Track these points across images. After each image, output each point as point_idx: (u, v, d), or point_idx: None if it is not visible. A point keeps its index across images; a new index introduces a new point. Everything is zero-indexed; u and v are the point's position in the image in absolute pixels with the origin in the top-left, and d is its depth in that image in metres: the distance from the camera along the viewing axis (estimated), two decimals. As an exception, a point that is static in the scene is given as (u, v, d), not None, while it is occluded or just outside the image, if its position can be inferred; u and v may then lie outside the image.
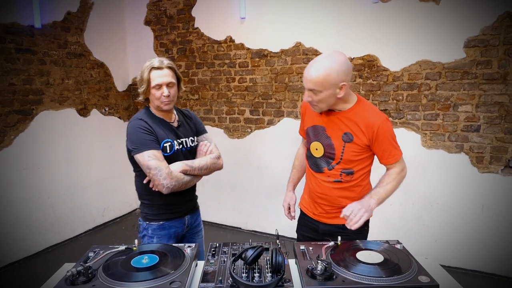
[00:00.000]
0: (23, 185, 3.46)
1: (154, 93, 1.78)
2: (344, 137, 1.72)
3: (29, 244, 3.53)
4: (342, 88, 1.62)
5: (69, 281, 1.29)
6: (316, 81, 1.59)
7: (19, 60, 3.36)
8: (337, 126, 1.73)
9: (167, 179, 1.68)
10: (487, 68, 2.88)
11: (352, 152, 1.72)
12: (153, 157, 1.69)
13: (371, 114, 1.70)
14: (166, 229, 1.89)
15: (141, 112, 1.86)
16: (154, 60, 1.78)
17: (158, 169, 1.68)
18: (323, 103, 1.67)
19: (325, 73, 1.57)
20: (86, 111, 4.08)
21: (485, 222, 3.06)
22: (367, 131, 1.68)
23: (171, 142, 1.82)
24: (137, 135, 1.73)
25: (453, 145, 3.09)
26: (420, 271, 1.33)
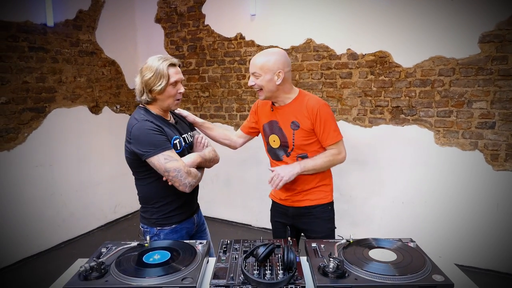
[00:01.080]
0: (36, 182, 3.52)
1: (170, 90, 1.72)
2: (292, 126, 1.95)
3: (42, 240, 3.59)
4: (279, 76, 1.85)
5: (82, 276, 1.29)
6: (256, 64, 1.86)
7: (32, 58, 3.41)
8: (285, 117, 1.96)
9: (188, 178, 1.66)
10: (502, 63, 2.82)
11: (301, 138, 1.94)
12: (169, 158, 1.63)
13: (311, 100, 1.93)
14: (179, 232, 1.84)
15: (140, 113, 1.73)
16: (165, 57, 1.73)
17: (177, 170, 1.63)
18: (265, 88, 1.88)
19: (265, 59, 1.86)
20: (98, 108, 4.12)
21: (499, 221, 3.00)
22: (309, 115, 1.91)
23: (179, 138, 1.79)
24: (148, 137, 1.63)
25: (467, 142, 3.04)
26: (434, 269, 1.30)
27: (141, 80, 1.70)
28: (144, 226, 1.85)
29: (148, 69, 1.68)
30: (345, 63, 3.40)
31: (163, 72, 1.67)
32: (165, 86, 1.69)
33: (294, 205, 2.06)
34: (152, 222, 1.82)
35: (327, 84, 3.52)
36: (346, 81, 3.43)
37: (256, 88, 1.92)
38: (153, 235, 1.80)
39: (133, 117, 1.73)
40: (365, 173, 3.45)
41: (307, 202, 2.03)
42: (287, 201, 2.08)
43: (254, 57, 1.91)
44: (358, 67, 3.35)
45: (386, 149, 3.36)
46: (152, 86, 1.68)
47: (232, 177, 4.22)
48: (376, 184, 3.46)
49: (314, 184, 2.02)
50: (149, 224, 1.83)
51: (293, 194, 2.05)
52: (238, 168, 4.16)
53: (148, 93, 1.71)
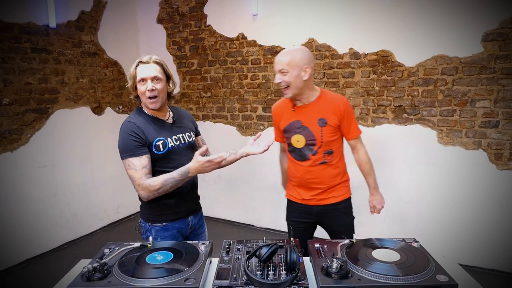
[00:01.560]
0: (39, 183, 3.53)
1: (140, 88, 1.74)
2: (319, 123, 1.98)
3: (45, 240, 3.60)
4: (306, 71, 1.90)
5: (85, 277, 1.30)
6: (283, 61, 1.89)
7: (35, 59, 3.42)
8: (310, 116, 1.99)
9: (139, 190, 1.71)
10: (506, 62, 2.81)
11: (329, 134, 1.99)
12: (131, 166, 1.70)
13: (335, 98, 2.03)
14: (170, 230, 1.85)
15: (133, 113, 1.81)
16: (143, 56, 1.77)
17: (133, 180, 1.72)
18: (293, 85, 1.90)
19: (291, 55, 1.90)
20: (100, 109, 4.13)
21: (503, 220, 2.99)
22: (336, 111, 1.98)
23: (163, 140, 1.77)
24: (122, 140, 1.73)
25: (471, 141, 3.02)
26: (438, 270, 1.30)
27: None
28: (141, 220, 1.91)
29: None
30: (347, 62, 3.39)
31: (131, 71, 1.75)
32: (132, 85, 1.76)
33: (320, 203, 2.09)
34: (145, 218, 1.88)
35: (329, 84, 3.51)
36: (348, 81, 3.42)
37: (283, 85, 1.93)
38: (146, 231, 1.86)
39: (128, 116, 1.83)
40: (368, 172, 3.44)
41: (332, 199, 2.09)
42: (312, 200, 2.10)
43: (279, 54, 1.94)
44: (361, 66, 3.34)
45: (389, 148, 3.34)
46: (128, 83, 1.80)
47: (235, 177, 4.21)
48: (379, 183, 3.43)
49: (338, 181, 2.09)
50: (144, 219, 1.89)
51: (319, 193, 2.08)
52: (240, 169, 4.15)
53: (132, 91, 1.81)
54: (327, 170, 2.05)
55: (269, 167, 3.98)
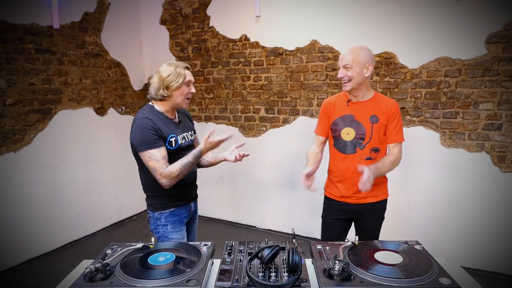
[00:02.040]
0: (42, 183, 3.54)
1: (184, 89, 1.94)
2: (372, 119, 2.05)
3: (47, 240, 3.61)
4: (369, 69, 1.99)
5: (87, 277, 1.30)
6: (348, 57, 1.97)
7: (38, 60, 3.43)
8: (364, 112, 2.06)
9: (161, 179, 1.84)
10: (509, 64, 2.80)
11: (379, 131, 2.05)
12: (152, 157, 1.84)
13: (389, 100, 2.11)
14: (177, 215, 2.04)
15: (146, 110, 1.94)
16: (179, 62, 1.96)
17: (154, 170, 1.85)
18: (354, 80, 1.98)
19: (356, 52, 1.98)
20: (103, 110, 4.14)
21: (506, 223, 2.97)
22: (387, 111, 2.04)
23: (175, 137, 1.95)
24: (142, 134, 1.85)
25: (474, 144, 3.01)
26: (441, 272, 1.29)
27: (158, 78, 1.91)
28: (149, 211, 2.07)
29: (166, 70, 1.91)
30: (350, 64, 3.38)
31: (180, 72, 1.91)
32: (181, 84, 1.91)
33: (359, 202, 2.12)
34: (153, 207, 2.03)
35: (332, 86, 3.50)
36: (351, 83, 3.41)
37: (345, 80, 2.00)
38: (156, 219, 2.02)
39: (138, 112, 1.95)
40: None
41: (371, 198, 2.12)
42: (351, 198, 2.13)
43: (345, 51, 2.02)
44: (363, 68, 3.33)
45: (391, 150, 3.33)
46: (170, 82, 1.89)
47: (237, 178, 4.21)
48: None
49: (379, 180, 2.09)
50: (152, 209, 2.04)
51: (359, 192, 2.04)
52: (243, 170, 4.15)
53: (165, 89, 1.91)
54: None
55: (271, 169, 3.98)
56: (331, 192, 2.23)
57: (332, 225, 2.21)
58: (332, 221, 2.21)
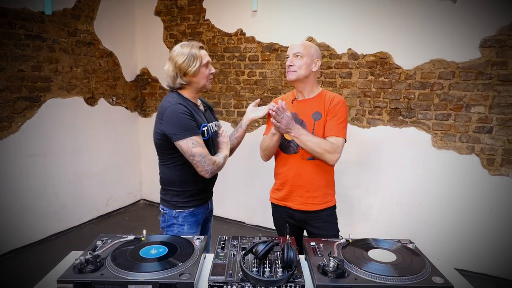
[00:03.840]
0: (29, 172, 3.46)
1: (204, 71, 1.81)
2: (314, 116, 1.98)
3: (33, 231, 3.54)
4: (317, 63, 1.98)
5: (77, 269, 1.27)
6: (300, 46, 1.94)
7: (28, 46, 3.35)
8: (307, 109, 2.00)
9: (210, 165, 1.76)
10: (502, 69, 2.83)
11: (321, 129, 1.95)
12: (196, 144, 1.72)
13: (333, 96, 2.00)
14: (196, 216, 1.92)
15: (174, 96, 1.81)
16: (192, 42, 1.82)
17: (202, 156, 1.73)
18: (301, 70, 1.93)
19: (308, 43, 1.99)
20: (94, 100, 4.07)
21: (493, 225, 3.02)
22: (328, 104, 1.96)
23: (207, 126, 1.86)
24: (180, 121, 1.72)
25: (464, 146, 3.05)
26: (434, 271, 1.30)
27: (173, 65, 1.77)
28: (164, 208, 1.92)
29: (180, 54, 1.76)
30: (345, 62, 3.39)
31: (196, 54, 1.76)
32: (199, 68, 1.77)
33: (302, 208, 2.04)
34: (172, 205, 1.89)
35: (326, 83, 3.50)
36: (345, 81, 3.42)
37: (292, 69, 1.95)
38: (172, 217, 1.89)
39: (166, 100, 1.80)
40: (361, 173, 3.45)
41: (314, 206, 2.02)
42: (294, 202, 2.06)
43: (296, 41, 2.00)
44: (358, 67, 3.34)
45: (383, 150, 3.35)
46: (187, 68, 1.76)
47: (227, 174, 4.18)
48: (372, 185, 3.46)
49: (324, 184, 2.03)
50: (169, 206, 1.90)
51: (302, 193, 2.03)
52: (232, 166, 4.12)
53: (183, 77, 1.78)
54: (314, 168, 1.98)
55: (262, 165, 3.96)
56: (276, 198, 2.16)
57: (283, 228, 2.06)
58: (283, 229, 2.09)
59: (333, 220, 2.10)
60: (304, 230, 2.18)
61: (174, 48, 1.81)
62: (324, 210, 2.04)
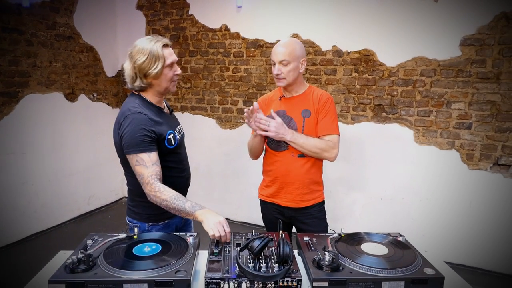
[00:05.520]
0: (6, 170, 3.34)
1: (167, 73, 1.61)
2: (303, 113, 1.98)
3: (12, 231, 3.42)
4: (303, 64, 1.95)
5: (68, 269, 1.24)
6: (285, 52, 1.88)
7: (5, 39, 3.22)
8: (295, 107, 2.00)
9: (145, 188, 1.53)
10: (481, 67, 2.93)
11: (311, 126, 1.96)
12: (140, 162, 1.53)
13: (321, 93, 2.02)
14: (170, 227, 1.77)
15: (137, 102, 1.60)
16: (157, 37, 1.61)
17: (141, 176, 1.53)
18: (290, 75, 1.91)
19: (292, 46, 1.91)
20: (74, 96, 3.96)
21: (472, 218, 3.13)
22: (317, 103, 1.97)
23: (173, 133, 1.68)
24: (132, 133, 1.53)
25: (445, 141, 3.14)
26: (424, 263, 1.34)
27: (132, 65, 1.57)
28: (133, 220, 1.74)
29: (140, 52, 1.55)
30: (330, 59, 3.42)
31: (158, 54, 1.56)
32: (161, 69, 1.58)
33: (291, 205, 2.04)
34: (144, 217, 1.71)
35: (311, 80, 3.53)
36: (330, 78, 3.46)
37: (281, 76, 1.92)
38: (144, 231, 1.70)
39: (126, 106, 1.61)
40: (345, 169, 3.50)
41: (303, 203, 2.04)
42: (283, 199, 2.06)
43: (278, 45, 1.92)
44: (343, 64, 3.38)
45: (367, 146, 3.41)
46: (147, 70, 1.56)
47: (212, 170, 4.17)
48: (355, 180, 3.52)
49: (313, 180, 2.04)
50: (140, 219, 1.72)
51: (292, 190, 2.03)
52: (218, 162, 4.12)
53: (143, 78, 1.59)
54: (304, 165, 1.99)
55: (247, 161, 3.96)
56: (265, 194, 2.16)
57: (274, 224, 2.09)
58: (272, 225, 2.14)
59: (322, 215, 2.12)
60: (293, 226, 2.19)
61: (135, 44, 1.60)
62: (313, 206, 2.06)
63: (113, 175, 4.54)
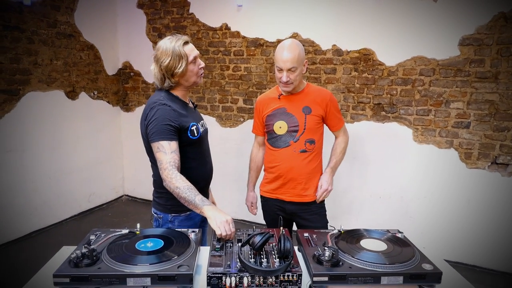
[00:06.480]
0: (7, 168, 3.36)
1: (192, 68, 1.70)
2: (304, 110, 2.03)
3: (12, 229, 3.44)
4: (305, 65, 2.00)
5: (72, 263, 1.26)
6: (293, 58, 1.89)
7: (6, 37, 3.23)
8: (296, 104, 2.04)
9: (163, 174, 1.58)
10: (479, 66, 2.95)
11: (312, 122, 2.03)
12: (161, 149, 1.60)
13: (321, 90, 2.11)
14: (193, 219, 1.82)
15: (161, 95, 1.70)
16: (176, 36, 1.71)
17: (160, 162, 1.60)
18: (296, 80, 1.96)
19: (297, 51, 1.91)
20: (75, 94, 3.97)
21: (470, 216, 3.16)
22: (322, 103, 2.05)
23: (196, 125, 1.75)
24: (157, 122, 1.62)
25: (443, 140, 3.16)
26: (423, 259, 1.36)
27: (159, 67, 1.67)
28: (157, 212, 1.81)
29: (164, 54, 1.65)
30: (330, 58, 3.44)
31: (180, 52, 1.65)
32: (186, 66, 1.67)
33: (293, 200, 2.10)
34: (167, 208, 1.78)
35: (311, 79, 3.55)
36: (330, 77, 3.48)
37: (289, 82, 1.94)
38: (167, 222, 1.78)
39: (152, 99, 1.70)
40: (345, 167, 3.51)
41: (306, 198, 2.09)
42: (285, 194, 2.11)
43: (284, 53, 1.90)
44: (343, 63, 3.40)
45: (366, 144, 3.44)
46: (174, 69, 1.66)
47: (213, 168, 4.18)
48: (354, 178, 3.54)
49: (314, 176, 2.09)
50: (164, 210, 1.79)
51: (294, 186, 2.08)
52: (218, 160, 4.12)
53: (171, 78, 1.69)
54: (306, 161, 2.05)
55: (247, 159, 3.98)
56: (266, 191, 2.20)
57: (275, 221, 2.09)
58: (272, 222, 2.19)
59: (322, 212, 2.16)
60: (293, 222, 2.22)
61: (158, 46, 1.70)
62: (314, 202, 2.10)
63: (113, 173, 4.56)
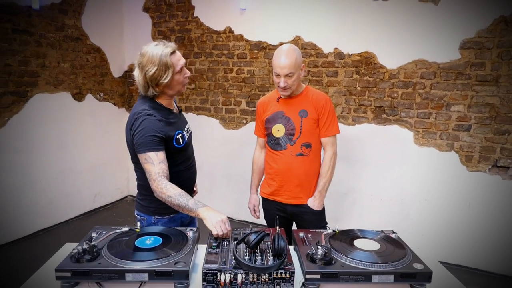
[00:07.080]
0: (15, 168, 3.44)
1: (178, 78, 1.67)
2: (301, 113, 2.06)
3: (19, 227, 3.52)
4: (302, 69, 2.03)
5: (74, 258, 1.31)
6: (290, 65, 1.92)
7: (15, 40, 3.32)
8: (293, 107, 2.08)
9: (152, 185, 1.58)
10: (480, 70, 2.96)
11: (308, 126, 2.06)
12: (149, 160, 1.59)
13: (318, 94, 2.11)
14: (176, 221, 1.83)
15: (146, 104, 1.67)
16: (164, 43, 1.65)
17: (149, 173, 1.59)
18: (294, 85, 2.00)
19: (293, 56, 1.94)
20: (81, 95, 4.05)
21: (470, 219, 3.16)
22: (317, 105, 2.06)
23: (181, 133, 1.74)
24: (143, 133, 1.59)
25: (444, 143, 3.18)
26: (414, 259, 1.39)
27: (143, 76, 1.61)
28: (141, 214, 1.81)
29: (150, 62, 1.59)
30: (331, 62, 3.48)
31: (167, 63, 1.60)
32: (172, 77, 1.63)
33: (292, 202, 2.15)
34: (150, 211, 1.78)
35: (313, 82, 3.59)
36: (332, 80, 3.51)
37: (287, 87, 1.98)
38: (150, 224, 1.78)
39: (137, 108, 1.67)
40: (346, 170, 3.55)
41: (304, 200, 2.14)
42: (283, 196, 2.16)
43: (281, 59, 1.93)
44: (344, 66, 3.43)
45: (367, 147, 3.46)
46: (159, 80, 1.62)
47: (215, 169, 4.24)
48: (356, 181, 3.56)
49: (312, 179, 2.14)
50: (147, 213, 1.79)
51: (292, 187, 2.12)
52: (221, 161, 4.18)
53: (155, 87, 1.64)
54: (303, 163, 2.09)
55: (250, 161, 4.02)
56: (266, 191, 2.25)
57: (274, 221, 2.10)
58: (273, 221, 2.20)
59: (321, 212, 2.19)
60: (293, 222, 2.26)
61: (143, 52, 1.62)
62: None
63: (119, 173, 4.63)
